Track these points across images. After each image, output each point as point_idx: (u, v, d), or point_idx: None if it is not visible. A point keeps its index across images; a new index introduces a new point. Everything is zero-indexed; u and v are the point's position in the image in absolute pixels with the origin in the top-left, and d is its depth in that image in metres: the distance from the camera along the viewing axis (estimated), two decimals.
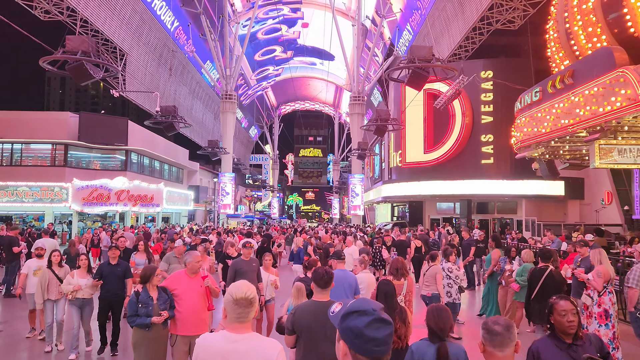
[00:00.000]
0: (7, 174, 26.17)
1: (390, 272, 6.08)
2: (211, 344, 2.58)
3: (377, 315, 1.67)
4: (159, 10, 31.66)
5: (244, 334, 2.56)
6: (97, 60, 13.70)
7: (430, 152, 29.51)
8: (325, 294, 3.93)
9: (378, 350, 1.64)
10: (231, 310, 2.59)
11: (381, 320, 1.67)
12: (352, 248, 11.72)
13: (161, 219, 37.81)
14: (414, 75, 14.26)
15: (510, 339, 2.52)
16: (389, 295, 4.39)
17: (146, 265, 5.81)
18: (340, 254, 6.47)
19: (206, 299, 5.36)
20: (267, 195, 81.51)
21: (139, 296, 5.13)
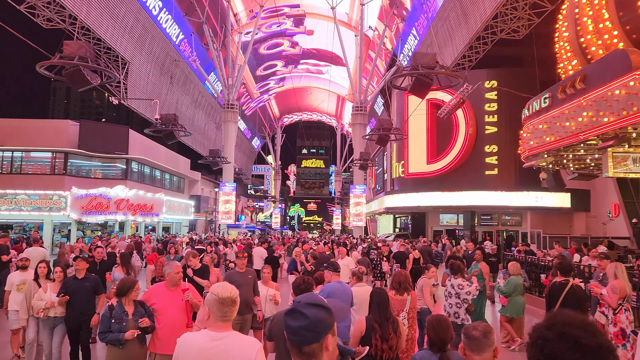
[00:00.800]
0: (7, 182, 25.89)
1: (392, 286, 5.61)
2: (192, 342, 2.65)
3: (297, 307, 1.80)
4: (161, 19, 31.60)
5: (225, 332, 2.62)
6: (95, 66, 13.45)
7: (433, 163, 29.17)
8: None
9: (292, 339, 1.77)
10: (216, 309, 2.64)
11: (299, 312, 1.78)
12: (347, 259, 11.36)
13: (162, 229, 37.46)
14: (417, 82, 13.97)
15: (488, 344, 2.62)
16: (381, 305, 4.38)
17: (125, 277, 5.23)
18: (336, 266, 6.20)
19: (190, 310, 4.98)
20: (269, 205, 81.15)
21: (113, 310, 4.68)
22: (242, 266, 6.80)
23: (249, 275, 6.70)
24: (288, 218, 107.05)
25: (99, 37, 26.59)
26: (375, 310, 4.42)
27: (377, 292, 4.57)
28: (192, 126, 41.86)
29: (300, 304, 1.82)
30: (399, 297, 5.42)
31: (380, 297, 4.46)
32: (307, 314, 1.78)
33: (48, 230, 26.61)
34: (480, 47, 26.80)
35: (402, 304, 5.38)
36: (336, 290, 5.48)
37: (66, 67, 13.53)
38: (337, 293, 5.43)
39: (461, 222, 30.98)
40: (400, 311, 5.26)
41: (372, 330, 4.35)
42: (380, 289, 4.70)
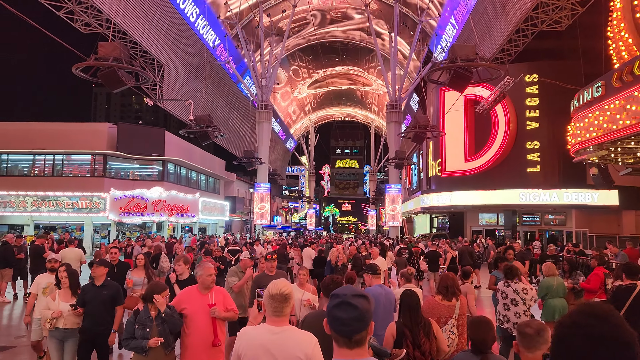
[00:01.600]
0: (49, 184, 26.59)
1: (439, 291, 5.07)
2: (253, 335, 2.81)
3: (345, 299, 1.89)
4: (195, 22, 31.85)
5: (282, 327, 2.79)
6: (129, 66, 13.49)
7: (471, 161, 28.32)
8: None
9: (343, 330, 1.87)
10: (268, 304, 2.85)
11: (349, 304, 1.88)
12: (380, 260, 10.87)
13: (198, 229, 37.82)
14: (455, 76, 13.43)
15: (541, 341, 2.59)
16: (412, 309, 4.18)
17: (156, 282, 4.77)
18: (375, 268, 5.67)
19: (218, 326, 4.42)
20: (304, 206, 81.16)
21: (137, 316, 4.38)
22: (272, 269, 6.36)
23: (280, 278, 6.30)
24: (322, 219, 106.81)
25: (135, 41, 27.00)
26: (406, 314, 4.19)
27: (407, 294, 4.30)
28: (226, 128, 42.13)
29: (347, 296, 1.92)
30: (446, 303, 4.91)
31: (410, 300, 4.22)
32: (356, 305, 1.89)
33: (88, 232, 27.19)
34: (520, 40, 25.83)
35: (450, 311, 4.87)
36: (378, 295, 5.08)
37: (101, 69, 13.66)
38: (379, 298, 5.06)
39: (501, 221, 29.97)
40: (449, 318, 4.78)
41: (402, 335, 4.10)
42: (411, 290, 4.41)
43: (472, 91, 27.62)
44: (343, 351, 1.91)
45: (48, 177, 27.39)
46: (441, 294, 4.99)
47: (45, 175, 27.63)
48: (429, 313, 4.62)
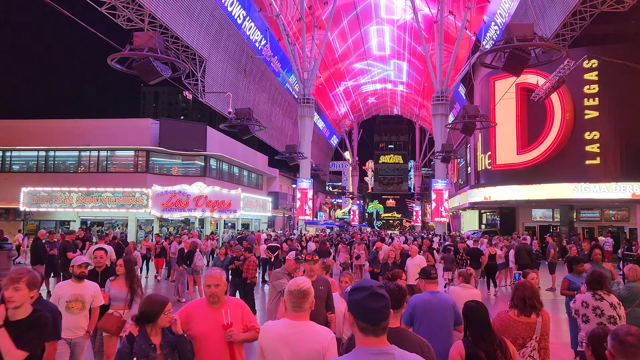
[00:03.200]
0: (95, 180, 26.94)
1: (515, 304, 4.00)
2: (274, 329, 2.96)
3: (374, 290, 2.10)
4: (237, 15, 31.57)
5: (301, 322, 2.93)
6: (164, 56, 13.05)
7: (524, 153, 26.67)
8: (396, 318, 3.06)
9: (375, 318, 2.06)
10: (288, 300, 2.99)
11: (377, 294, 2.09)
12: (418, 258, 9.90)
13: (240, 225, 37.70)
14: (511, 58, 12.24)
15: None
16: (484, 324, 3.33)
17: (151, 297, 3.39)
18: (429, 272, 4.76)
19: (237, 350, 3.49)
20: (347, 202, 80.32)
21: (133, 344, 3.23)
22: (312, 273, 5.11)
23: (319, 285, 4.91)
24: (366, 215, 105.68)
25: (177, 36, 26.93)
26: (477, 330, 3.32)
27: (472, 306, 3.42)
28: (268, 123, 41.86)
29: (374, 288, 2.12)
30: (524, 320, 3.85)
31: (480, 313, 3.35)
32: (384, 295, 2.10)
33: (132, 227, 27.38)
34: (578, 24, 24.07)
35: (529, 330, 3.82)
36: (426, 304, 4.33)
37: (136, 59, 13.31)
38: (426, 306, 4.32)
39: (557, 217, 28.17)
40: (527, 339, 3.79)
41: (475, 358, 3.23)
42: (476, 301, 3.51)
43: (525, 79, 26.04)
44: (370, 339, 2.06)
45: (93, 174, 27.76)
46: (517, 308, 3.92)
47: (90, 171, 28.02)
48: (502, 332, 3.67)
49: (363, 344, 2.08)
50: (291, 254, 5.84)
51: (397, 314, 3.04)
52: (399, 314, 3.10)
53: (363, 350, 2.06)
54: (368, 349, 2.06)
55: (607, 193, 24.08)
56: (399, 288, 3.26)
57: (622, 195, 23.86)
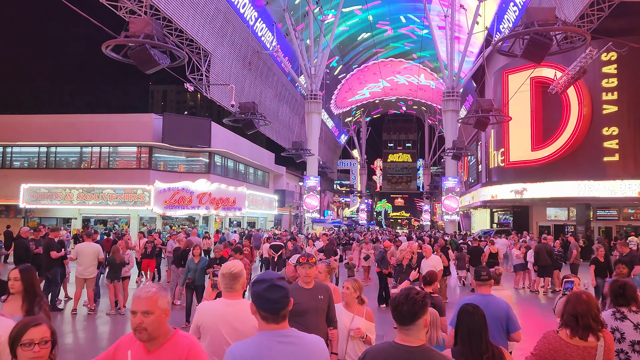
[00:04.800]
0: (97, 177, 26.35)
1: (566, 323, 3.13)
2: (212, 307, 3.24)
3: (273, 282, 2.28)
4: (243, 9, 30.82)
5: (236, 300, 3.25)
6: (161, 44, 12.33)
7: (539, 150, 25.69)
8: (411, 334, 2.37)
9: (274, 307, 2.24)
10: (221, 282, 3.32)
11: (277, 286, 2.27)
12: (434, 259, 9.06)
13: (246, 223, 37.01)
14: (532, 44, 11.41)
15: None
16: (473, 332, 2.96)
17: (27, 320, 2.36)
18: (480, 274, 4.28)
19: None
20: (355, 201, 79.44)
21: None
22: (309, 279, 4.06)
23: (319, 294, 4.03)
24: (375, 214, 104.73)
25: (181, 29, 26.23)
26: (464, 338, 2.97)
27: (466, 310, 3.05)
28: (275, 120, 41.12)
29: (273, 280, 2.30)
30: (579, 344, 3.03)
31: (470, 319, 2.99)
32: (282, 286, 2.29)
33: (135, 225, 26.74)
34: (595, 15, 23.06)
35: (586, 356, 3.00)
36: None
37: (132, 47, 12.61)
38: None
39: (573, 216, 27.17)
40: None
41: None
42: (473, 306, 3.09)
43: (540, 72, 25.11)
44: (271, 326, 2.25)
45: (95, 170, 27.17)
46: (569, 327, 3.07)
47: (92, 167, 27.43)
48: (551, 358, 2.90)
49: (264, 328, 2.26)
50: (293, 258, 4.86)
51: (415, 328, 2.35)
52: (417, 328, 2.38)
53: (265, 334, 2.24)
54: (270, 332, 2.23)
55: (626, 191, 23.10)
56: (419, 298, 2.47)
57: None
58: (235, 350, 2.21)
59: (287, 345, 2.21)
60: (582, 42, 12.43)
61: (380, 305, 11.17)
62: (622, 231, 26.19)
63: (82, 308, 9.36)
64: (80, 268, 8.94)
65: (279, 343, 2.20)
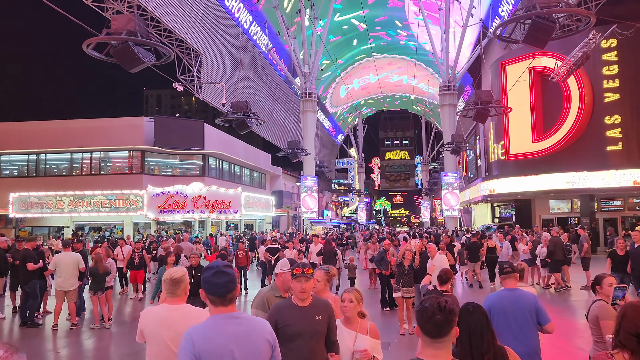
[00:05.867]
0: (89, 183, 25.73)
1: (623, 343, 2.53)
2: (154, 313, 3.22)
3: (219, 269, 2.44)
4: (233, 8, 30.20)
5: (179, 305, 3.23)
6: (144, 40, 11.70)
7: (540, 141, 25.13)
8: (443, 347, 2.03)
9: (220, 291, 2.41)
10: (164, 287, 3.30)
11: (222, 272, 2.43)
12: (439, 258, 8.41)
13: (244, 226, 36.39)
14: (534, 28, 10.82)
15: None
16: (473, 332, 2.76)
17: None
18: (503, 267, 4.16)
19: None
20: (354, 200, 78.84)
21: None
22: (304, 295, 3.29)
23: (316, 314, 3.30)
24: (374, 212, 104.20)
25: (170, 29, 25.60)
26: (464, 338, 2.74)
27: (466, 310, 2.86)
28: (270, 120, 40.51)
29: (220, 267, 2.46)
30: None
31: (470, 320, 2.79)
32: (228, 272, 2.45)
33: (129, 231, 26.10)
34: (593, 2, 22.51)
35: None
36: (501, 302, 3.96)
37: (115, 45, 11.99)
38: (503, 305, 3.94)
39: (576, 207, 26.64)
40: None
41: None
42: (473, 304, 2.91)
43: (539, 63, 24.59)
44: (220, 309, 2.42)
45: (86, 176, 26.54)
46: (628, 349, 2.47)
47: (83, 174, 26.77)
48: None
49: (216, 312, 2.43)
50: (283, 263, 4.00)
51: (448, 340, 2.03)
52: (450, 339, 2.04)
53: (215, 317, 2.42)
54: (218, 315, 2.41)
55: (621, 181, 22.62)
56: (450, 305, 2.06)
57: None
58: (192, 332, 2.37)
59: (235, 326, 2.38)
60: (586, 25, 11.85)
61: (384, 309, 10.56)
62: (627, 222, 25.69)
63: (64, 323, 8.73)
64: (60, 280, 8.31)
65: (227, 324, 2.38)
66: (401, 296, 7.75)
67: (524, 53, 25.93)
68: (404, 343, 7.68)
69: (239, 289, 6.86)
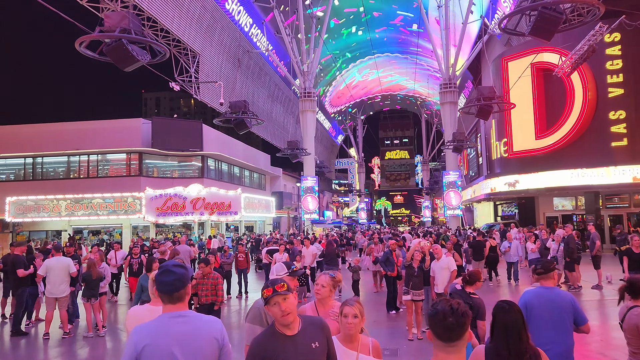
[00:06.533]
0: (87, 186, 25.37)
1: None
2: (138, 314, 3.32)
3: (167, 268, 2.48)
4: (230, 7, 29.84)
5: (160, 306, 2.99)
6: (138, 37, 11.33)
7: (543, 138, 24.78)
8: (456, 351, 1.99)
9: (166, 289, 2.44)
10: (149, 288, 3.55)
11: (169, 271, 2.46)
12: (445, 260, 7.99)
13: (244, 228, 36.00)
14: (541, 19, 10.49)
15: None
16: (511, 329, 2.70)
17: None
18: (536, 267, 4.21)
19: None
20: (354, 200, 78.48)
21: None
22: (288, 319, 2.55)
23: (312, 341, 2.61)
24: (375, 212, 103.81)
25: (166, 29, 25.27)
26: (500, 337, 2.73)
27: (502, 308, 2.82)
28: (270, 121, 40.19)
29: (169, 266, 2.49)
30: None
31: (507, 317, 2.76)
32: (175, 272, 2.46)
33: (127, 235, 25.73)
34: None
35: None
36: (537, 301, 3.93)
37: (108, 43, 11.64)
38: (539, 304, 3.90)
39: (581, 205, 26.28)
40: None
41: None
42: (508, 302, 2.88)
43: (541, 58, 24.23)
44: (168, 307, 2.44)
45: (84, 179, 26.16)
46: None
47: (81, 177, 26.40)
48: None
49: (165, 310, 2.45)
50: (279, 268, 3.45)
51: (462, 343, 2.01)
52: (463, 343, 2.02)
53: (163, 315, 2.43)
54: (167, 314, 2.42)
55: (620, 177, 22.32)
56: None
57: None
58: (135, 331, 2.39)
59: (180, 325, 2.37)
60: (593, 16, 11.49)
61: (390, 312, 10.17)
62: (632, 219, 25.32)
63: (56, 331, 8.35)
64: (50, 286, 7.95)
65: (173, 323, 2.37)
66: (411, 299, 7.36)
67: (525, 49, 25.59)
68: (413, 349, 7.32)
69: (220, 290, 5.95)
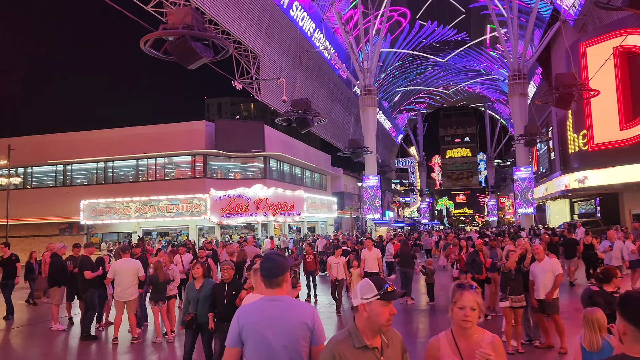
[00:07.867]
0: (154, 188, 25.90)
1: None
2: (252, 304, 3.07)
3: (269, 256, 2.77)
4: (289, 7, 29.64)
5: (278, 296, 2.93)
6: (202, 33, 11.09)
7: (629, 128, 22.75)
8: None
9: (266, 274, 2.67)
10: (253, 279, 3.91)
11: (271, 259, 2.73)
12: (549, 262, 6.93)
13: (306, 228, 35.72)
14: None
15: None
16: None
17: None
18: None
19: None
20: (415, 200, 76.68)
21: None
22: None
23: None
24: (436, 212, 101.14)
25: (227, 31, 25.36)
26: None
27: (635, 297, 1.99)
28: (329, 120, 39.72)
29: (272, 254, 2.78)
30: None
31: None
32: (276, 260, 2.70)
33: (193, 236, 26.02)
34: None
35: None
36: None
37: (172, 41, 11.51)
38: None
39: None
40: None
41: None
42: (637, 290, 2.15)
43: (625, 42, 22.24)
44: (268, 291, 2.66)
45: (151, 182, 26.75)
46: None
47: (149, 180, 27.00)
48: None
49: (264, 293, 2.69)
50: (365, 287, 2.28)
51: None
52: None
53: (262, 298, 2.65)
54: (265, 297, 2.64)
55: None
56: None
57: None
58: (241, 309, 2.68)
59: (273, 308, 2.55)
60: None
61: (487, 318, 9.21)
62: None
63: (125, 336, 8.12)
64: (119, 289, 7.70)
65: (268, 306, 2.56)
66: (509, 306, 6.43)
67: (604, 32, 23.67)
68: None
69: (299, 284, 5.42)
